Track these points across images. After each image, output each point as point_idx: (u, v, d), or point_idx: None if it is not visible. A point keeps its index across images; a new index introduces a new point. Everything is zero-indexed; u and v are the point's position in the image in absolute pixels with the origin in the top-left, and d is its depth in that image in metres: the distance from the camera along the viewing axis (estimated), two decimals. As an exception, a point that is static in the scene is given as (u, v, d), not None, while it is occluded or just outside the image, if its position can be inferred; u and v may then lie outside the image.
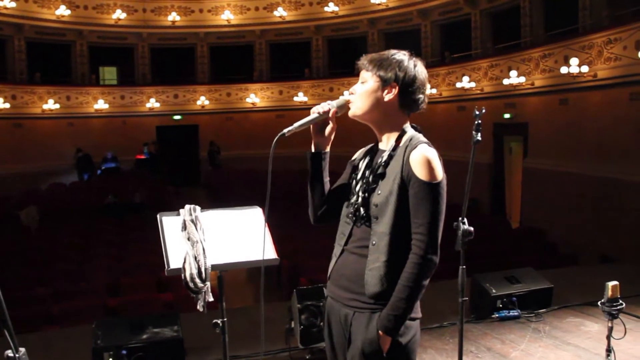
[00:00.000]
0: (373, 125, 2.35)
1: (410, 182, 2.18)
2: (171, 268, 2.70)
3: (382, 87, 2.27)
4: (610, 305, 3.53)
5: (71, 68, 21.95)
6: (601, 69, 12.26)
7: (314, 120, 2.30)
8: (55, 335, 6.09)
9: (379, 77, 2.27)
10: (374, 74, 2.27)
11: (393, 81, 2.26)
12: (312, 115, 2.30)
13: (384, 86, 2.27)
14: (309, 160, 2.38)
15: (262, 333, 4.70)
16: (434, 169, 2.19)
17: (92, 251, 10.70)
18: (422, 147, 2.21)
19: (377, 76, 2.27)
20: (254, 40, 23.20)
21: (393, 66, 2.26)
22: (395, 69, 2.26)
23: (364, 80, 2.31)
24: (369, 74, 2.29)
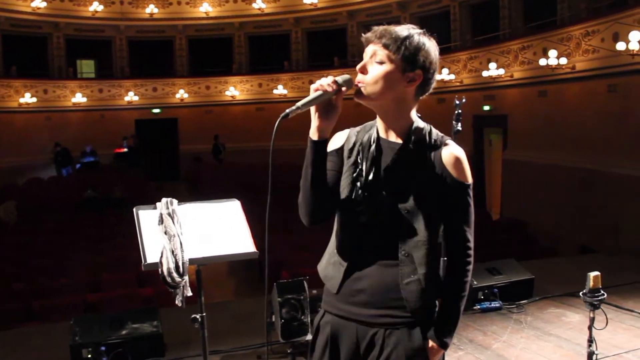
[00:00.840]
0: (381, 111, 2.00)
1: (446, 184, 1.95)
2: (148, 263, 2.66)
3: (403, 72, 1.93)
4: (592, 295, 3.54)
5: (48, 61, 21.64)
6: (579, 61, 12.33)
7: (320, 98, 1.87)
8: (33, 331, 6.00)
9: (401, 60, 1.91)
10: (396, 56, 1.91)
11: (418, 68, 1.94)
12: (317, 93, 1.87)
13: (406, 72, 1.93)
14: (311, 149, 1.93)
15: (265, 325, 4.68)
16: (468, 170, 2.00)
17: (71, 247, 10.58)
18: (454, 146, 2.00)
19: (400, 59, 1.91)
20: (233, 32, 23.05)
21: (417, 49, 1.93)
22: (420, 53, 1.93)
23: (382, 59, 1.92)
24: (387, 52, 1.91)
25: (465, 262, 2.02)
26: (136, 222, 2.76)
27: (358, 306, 1.98)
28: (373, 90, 1.92)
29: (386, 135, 2.02)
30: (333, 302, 2.07)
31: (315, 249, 8.45)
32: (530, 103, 14.12)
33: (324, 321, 2.10)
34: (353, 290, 1.99)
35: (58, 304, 7.39)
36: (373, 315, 1.96)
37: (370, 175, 1.97)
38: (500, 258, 6.58)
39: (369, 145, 2.01)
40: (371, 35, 1.97)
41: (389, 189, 1.95)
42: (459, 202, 1.99)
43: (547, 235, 11.62)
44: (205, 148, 22.24)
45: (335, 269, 2.06)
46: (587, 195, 11.94)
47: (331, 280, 2.06)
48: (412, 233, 1.94)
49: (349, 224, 2.02)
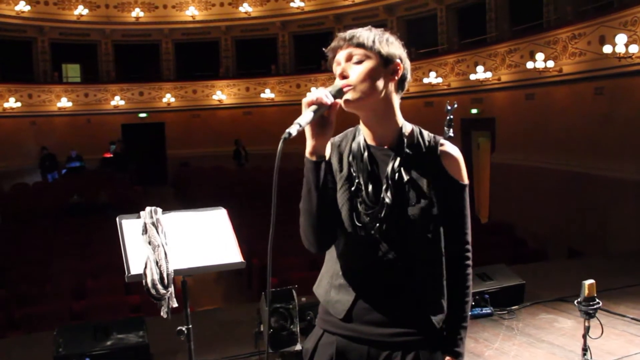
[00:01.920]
0: (371, 113, 1.90)
1: (448, 187, 1.90)
2: (132, 274, 2.58)
3: (385, 65, 1.86)
4: (587, 304, 3.48)
5: (33, 65, 21.45)
6: (566, 63, 12.36)
7: (318, 113, 1.74)
8: (15, 341, 5.88)
9: (379, 54, 1.85)
10: (372, 52, 1.85)
11: (396, 59, 1.89)
12: (313, 107, 1.73)
13: (387, 65, 1.87)
14: (312, 171, 1.80)
15: (265, 335, 4.61)
16: (464, 170, 1.96)
17: (56, 253, 10.43)
18: (450, 146, 1.94)
19: (377, 54, 1.85)
20: (220, 36, 22.96)
21: (389, 42, 1.89)
22: (393, 46, 1.89)
23: (360, 59, 1.85)
24: (363, 51, 1.85)
25: (466, 265, 1.96)
26: (119, 232, 2.68)
27: (370, 325, 1.87)
28: (362, 88, 1.82)
29: (375, 142, 1.92)
30: (336, 322, 1.93)
31: (301, 253, 8.40)
32: (517, 106, 14.14)
33: (324, 342, 1.94)
34: (365, 309, 1.88)
35: (42, 312, 7.25)
36: (389, 334, 1.86)
37: (370, 188, 1.86)
38: (489, 261, 6.53)
39: (360, 155, 1.90)
40: (338, 42, 1.89)
41: (392, 200, 1.85)
42: (457, 203, 1.93)
43: (535, 238, 11.61)
44: (191, 153, 22.14)
45: (341, 293, 1.92)
46: (574, 197, 11.95)
47: (336, 304, 1.93)
48: (422, 243, 1.87)
49: (354, 242, 1.88)
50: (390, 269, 1.86)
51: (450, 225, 1.93)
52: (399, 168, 1.86)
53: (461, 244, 1.96)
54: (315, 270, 8.09)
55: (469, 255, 1.97)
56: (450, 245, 1.93)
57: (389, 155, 1.89)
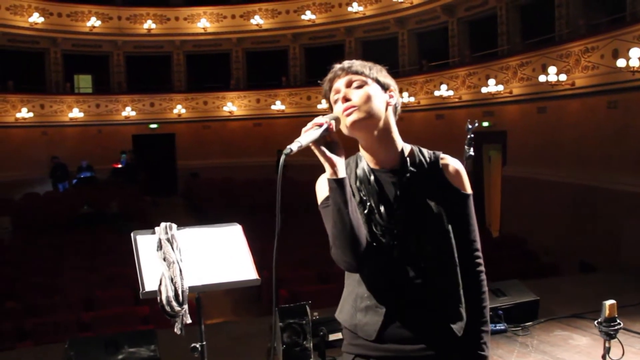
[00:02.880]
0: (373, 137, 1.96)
1: (454, 199, 1.98)
2: (146, 291, 2.55)
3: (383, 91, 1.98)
4: (607, 325, 3.42)
5: (45, 76, 21.60)
6: (579, 77, 12.30)
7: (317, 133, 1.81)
8: (26, 353, 5.86)
9: (376, 80, 1.97)
10: (370, 78, 1.96)
11: (390, 86, 2.01)
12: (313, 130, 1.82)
13: (384, 89, 1.99)
14: (338, 190, 1.83)
15: (278, 347, 4.59)
16: (467, 180, 2.04)
17: (66, 263, 10.44)
18: (451, 159, 2.04)
19: (375, 80, 1.97)
20: (231, 48, 23.04)
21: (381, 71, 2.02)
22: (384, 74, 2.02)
23: (360, 83, 1.95)
24: (361, 77, 1.96)
25: (478, 272, 2.02)
26: (134, 248, 2.65)
27: (401, 343, 1.91)
28: (366, 109, 1.90)
29: (377, 165, 2.00)
30: (368, 344, 1.95)
31: (312, 265, 8.37)
32: (529, 119, 14.08)
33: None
34: (395, 328, 1.92)
35: (51, 323, 7.24)
36: (419, 349, 1.91)
37: (382, 210, 1.92)
38: (501, 275, 6.48)
39: (367, 179, 1.97)
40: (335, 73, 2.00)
41: (405, 219, 1.92)
42: (464, 213, 2.01)
43: (546, 252, 11.52)
44: (202, 164, 22.17)
45: (369, 314, 1.95)
46: (586, 211, 11.87)
47: (365, 327, 1.95)
48: (440, 256, 1.93)
49: (374, 263, 1.92)
50: (412, 285, 1.91)
51: (459, 235, 1.98)
52: (407, 187, 1.94)
53: (472, 252, 2.01)
54: (324, 283, 8.06)
55: (481, 262, 2.03)
56: (462, 254, 1.98)
57: (394, 176, 1.97)
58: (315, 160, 1.87)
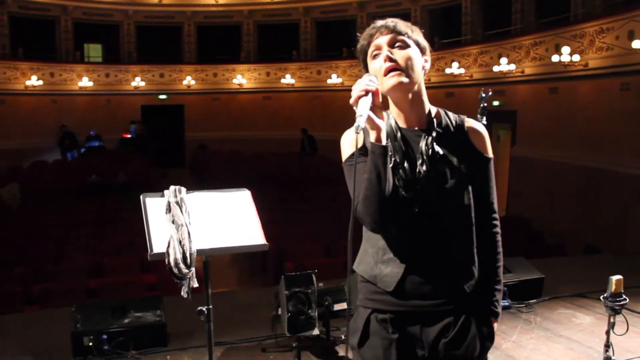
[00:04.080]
0: (406, 97, 2.01)
1: (476, 161, 2.03)
2: (154, 252, 2.56)
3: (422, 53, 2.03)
4: (613, 300, 3.43)
5: (55, 44, 21.55)
6: (592, 58, 12.18)
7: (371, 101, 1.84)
8: (34, 316, 5.93)
9: (417, 42, 2.01)
10: (412, 39, 2.00)
11: (427, 49, 2.05)
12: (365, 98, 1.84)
13: (423, 53, 2.03)
14: (381, 156, 1.86)
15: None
16: (489, 144, 2.09)
17: (73, 231, 10.50)
18: (475, 123, 2.09)
19: (416, 42, 2.01)
20: (242, 20, 22.90)
21: (419, 33, 2.05)
22: (422, 36, 2.06)
23: (404, 44, 1.98)
24: (404, 38, 1.98)
25: (495, 233, 2.09)
26: (143, 210, 2.66)
27: (422, 299, 1.97)
28: (410, 73, 1.95)
29: (406, 124, 2.04)
30: (387, 299, 2.00)
31: (318, 239, 8.41)
32: (540, 100, 13.98)
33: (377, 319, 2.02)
34: (414, 283, 1.97)
35: (59, 289, 7.31)
36: (439, 304, 1.97)
37: (406, 165, 1.95)
38: (507, 255, 6.44)
39: (394, 136, 1.99)
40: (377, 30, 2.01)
41: (429, 176, 1.96)
42: (484, 175, 2.06)
43: (552, 234, 11.51)
44: (210, 136, 22.16)
45: (391, 266, 1.99)
46: (595, 194, 11.83)
47: (385, 277, 2.00)
48: (460, 215, 1.99)
49: (397, 218, 1.95)
50: (430, 240, 1.96)
51: (478, 196, 2.03)
52: (432, 145, 1.98)
53: (490, 214, 2.08)
54: (331, 257, 8.07)
55: (497, 224, 2.10)
56: (480, 215, 2.03)
57: (421, 135, 2.01)
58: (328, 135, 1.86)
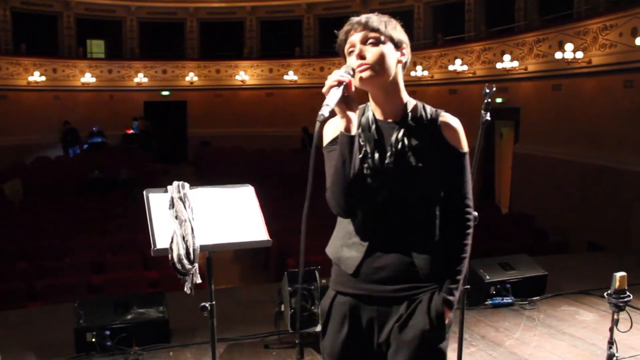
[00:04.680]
0: (382, 91, 2.08)
1: (447, 154, 2.07)
2: (158, 248, 2.55)
3: (396, 47, 2.06)
4: (617, 296, 3.42)
5: (58, 40, 21.53)
6: (596, 55, 12.15)
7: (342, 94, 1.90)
8: (37, 312, 5.93)
9: (390, 38, 2.04)
10: (385, 35, 2.03)
11: (403, 43, 2.09)
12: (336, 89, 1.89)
13: (398, 47, 2.06)
14: (348, 144, 1.94)
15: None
16: (464, 139, 2.12)
17: (76, 227, 10.51)
18: (450, 117, 2.12)
19: (389, 37, 2.04)
20: (245, 16, 22.87)
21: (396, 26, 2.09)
22: (399, 29, 2.10)
23: (376, 40, 2.02)
24: (376, 34, 2.02)
25: (465, 226, 2.11)
26: (146, 206, 2.65)
27: (380, 284, 2.05)
28: (377, 68, 2.00)
29: (382, 116, 2.11)
30: (349, 282, 2.10)
31: (321, 235, 8.34)
32: (543, 97, 13.95)
33: (338, 302, 2.13)
34: (373, 268, 2.05)
35: (61, 285, 7.32)
36: (396, 289, 2.04)
37: (376, 156, 2.04)
38: (510, 252, 6.47)
39: (368, 127, 2.09)
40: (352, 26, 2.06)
41: (396, 166, 2.03)
42: (458, 169, 2.09)
43: (555, 231, 11.49)
44: (213, 132, 22.17)
45: (353, 250, 2.09)
46: (598, 191, 11.81)
47: (347, 260, 2.10)
48: (423, 205, 2.05)
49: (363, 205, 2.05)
50: (393, 228, 2.04)
51: (451, 189, 2.09)
52: (403, 137, 2.05)
53: (461, 207, 2.11)
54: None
55: (469, 217, 2.12)
56: (452, 207, 2.10)
57: (394, 127, 2.08)
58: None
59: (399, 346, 2.04)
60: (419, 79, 18.29)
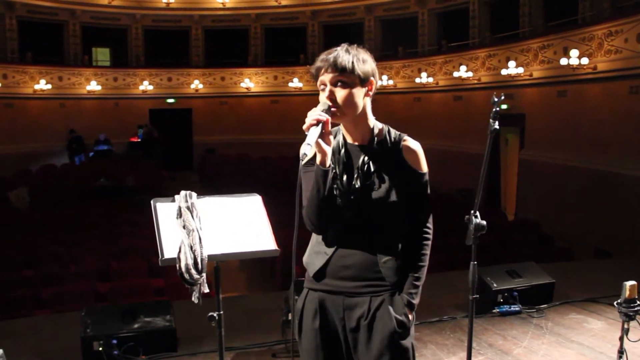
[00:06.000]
0: (350, 122, 2.32)
1: (408, 174, 2.32)
2: (165, 258, 2.55)
3: (362, 85, 2.26)
4: (627, 306, 3.39)
5: (63, 48, 21.64)
6: (601, 61, 12.14)
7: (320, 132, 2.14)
8: (44, 320, 5.93)
9: (358, 77, 2.24)
10: (352, 75, 2.23)
11: (371, 77, 2.29)
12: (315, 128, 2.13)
13: (364, 84, 2.27)
14: (322, 177, 2.22)
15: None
16: (423, 160, 2.36)
17: (82, 234, 10.52)
18: (411, 141, 2.35)
19: (357, 77, 2.24)
20: (249, 24, 22.94)
21: (364, 62, 2.28)
22: (367, 65, 2.28)
23: (344, 82, 2.23)
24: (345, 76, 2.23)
25: (423, 238, 2.39)
26: (154, 215, 2.65)
27: (344, 280, 2.32)
28: (347, 110, 2.24)
29: (352, 140, 2.37)
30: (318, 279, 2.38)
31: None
32: (548, 103, 13.94)
33: (309, 298, 2.41)
34: (340, 267, 2.32)
35: (67, 292, 7.33)
36: (359, 286, 2.31)
37: (344, 177, 2.30)
38: (516, 259, 6.45)
39: (338, 150, 2.35)
40: (323, 63, 2.27)
41: (363, 186, 2.28)
42: (416, 188, 2.34)
43: (562, 237, 11.45)
44: (218, 139, 22.21)
45: (318, 257, 2.38)
46: (604, 197, 11.77)
47: (312, 265, 2.40)
48: (386, 220, 2.29)
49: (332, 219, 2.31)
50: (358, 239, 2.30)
51: (412, 206, 2.35)
52: (368, 161, 2.30)
53: (420, 220, 2.39)
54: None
55: (427, 230, 2.40)
56: (412, 221, 2.38)
57: (361, 151, 2.33)
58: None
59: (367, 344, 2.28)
60: (424, 86, 18.29)
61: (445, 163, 16.20)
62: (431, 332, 4.84)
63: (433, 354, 4.41)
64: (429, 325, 4.98)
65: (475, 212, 2.70)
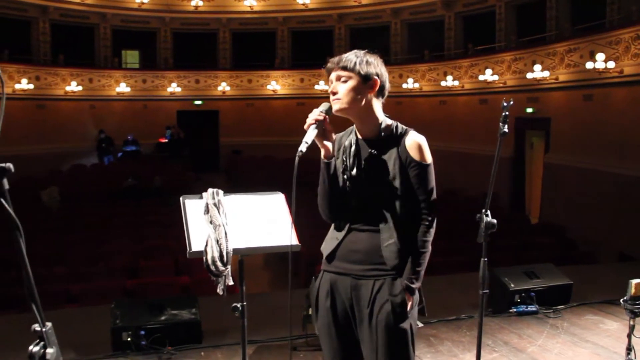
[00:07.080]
0: (356, 117, 2.55)
1: (409, 165, 2.49)
2: (193, 250, 2.71)
3: (364, 82, 2.49)
4: (632, 303, 3.49)
5: (94, 51, 22.08)
6: (628, 65, 12.10)
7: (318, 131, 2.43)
8: (74, 313, 6.16)
9: (359, 74, 2.48)
10: (354, 73, 2.48)
11: (374, 76, 2.51)
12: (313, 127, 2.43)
13: (366, 82, 2.49)
14: (325, 169, 2.54)
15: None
16: (427, 152, 2.52)
17: (110, 233, 10.79)
18: (415, 134, 2.54)
19: (358, 74, 2.48)
20: (277, 27, 23.16)
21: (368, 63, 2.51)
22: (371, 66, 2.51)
23: (345, 78, 2.50)
24: (347, 73, 2.49)
25: (426, 225, 2.53)
26: (182, 211, 2.81)
27: (353, 263, 2.55)
28: (346, 101, 2.48)
29: (363, 135, 2.59)
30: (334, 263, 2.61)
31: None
32: (574, 107, 13.91)
33: (323, 280, 2.66)
34: (349, 251, 2.56)
35: (97, 289, 7.56)
36: (365, 269, 2.52)
37: (354, 169, 2.54)
38: (538, 262, 6.50)
39: (350, 146, 2.59)
40: (330, 64, 2.55)
41: (368, 177, 2.52)
42: (421, 178, 2.51)
43: (586, 241, 11.43)
44: (244, 141, 22.42)
45: (331, 242, 2.64)
46: (628, 202, 11.73)
47: (325, 249, 2.66)
48: (389, 208, 2.49)
49: (343, 208, 2.58)
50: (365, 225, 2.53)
51: (415, 195, 2.52)
52: (374, 153, 2.53)
53: (422, 208, 2.53)
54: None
55: (429, 219, 2.54)
56: (415, 210, 2.53)
57: (369, 144, 2.56)
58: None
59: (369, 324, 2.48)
60: (449, 89, 18.33)
61: (470, 166, 16.23)
62: (448, 330, 4.96)
63: (449, 350, 4.53)
64: (446, 324, 5.09)
65: (486, 211, 2.83)
